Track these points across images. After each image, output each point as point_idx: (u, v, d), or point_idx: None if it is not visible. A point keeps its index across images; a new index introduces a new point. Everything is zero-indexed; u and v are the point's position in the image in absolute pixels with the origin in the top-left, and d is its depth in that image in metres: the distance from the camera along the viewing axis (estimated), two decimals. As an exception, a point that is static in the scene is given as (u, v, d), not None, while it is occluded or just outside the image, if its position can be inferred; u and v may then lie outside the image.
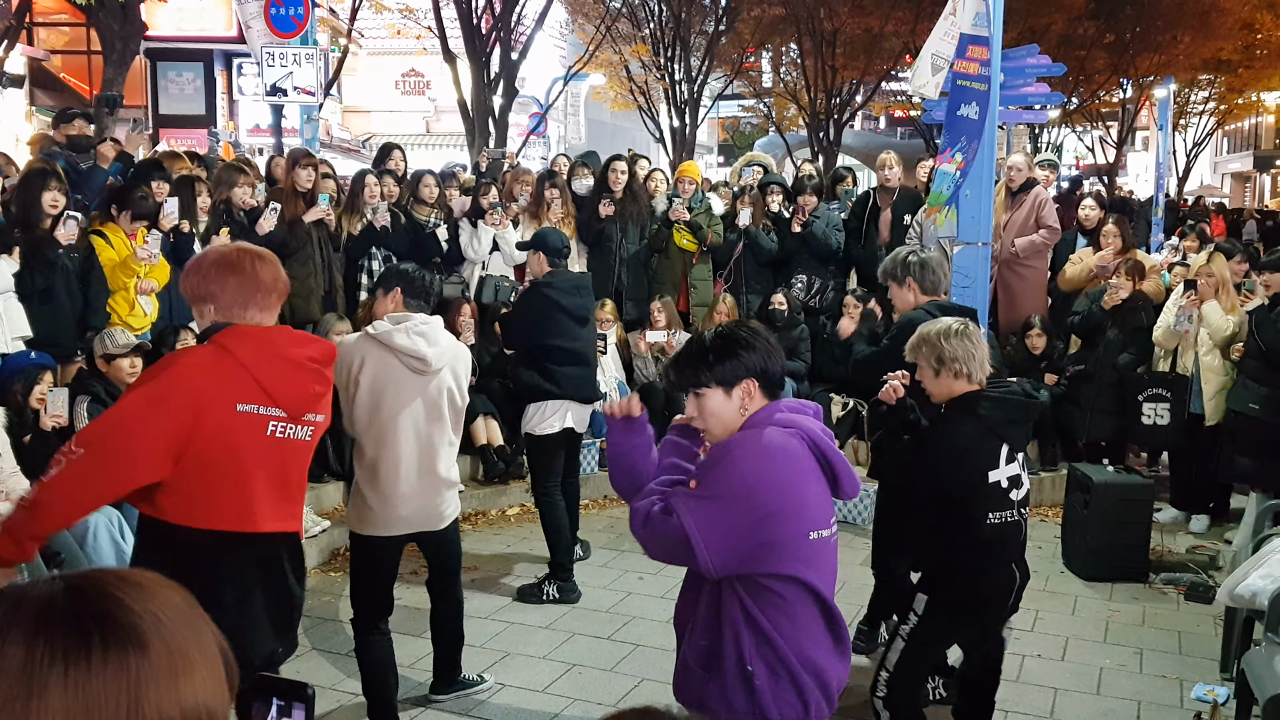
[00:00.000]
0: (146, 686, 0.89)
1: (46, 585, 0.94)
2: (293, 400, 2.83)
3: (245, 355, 2.75)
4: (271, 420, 2.81)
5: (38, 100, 17.40)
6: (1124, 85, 23.41)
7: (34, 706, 0.86)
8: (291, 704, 1.25)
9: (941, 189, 5.99)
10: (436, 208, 7.87)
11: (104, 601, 0.92)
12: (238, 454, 2.75)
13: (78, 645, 0.89)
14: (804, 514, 2.44)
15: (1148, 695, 4.52)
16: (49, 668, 0.87)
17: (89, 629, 0.90)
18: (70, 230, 5.49)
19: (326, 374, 2.97)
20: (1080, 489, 6.04)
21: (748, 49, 23.41)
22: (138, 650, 0.90)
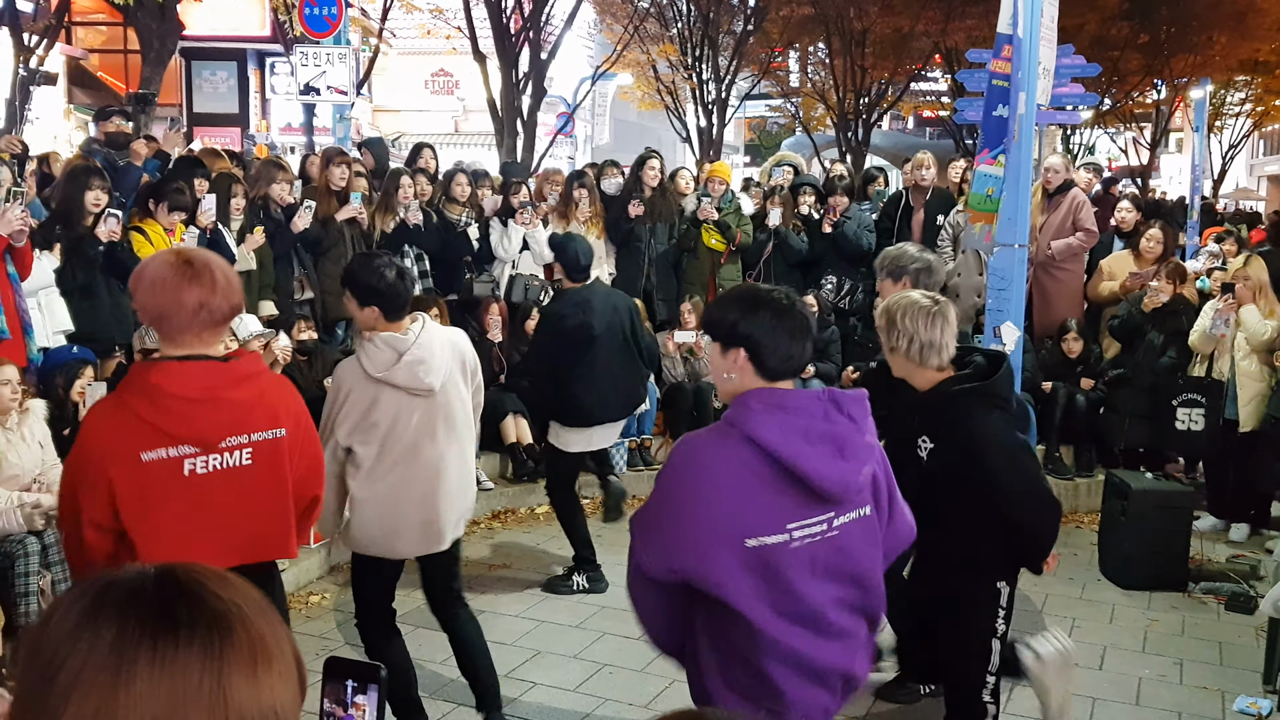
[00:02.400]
0: (230, 670, 0.91)
1: (136, 571, 0.96)
2: (199, 434, 2.67)
3: (136, 403, 2.65)
4: (186, 459, 2.66)
5: (75, 99, 17.59)
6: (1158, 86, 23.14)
7: (122, 682, 0.88)
8: (366, 684, 1.28)
9: (986, 191, 5.93)
10: (468, 206, 7.89)
11: (191, 586, 0.95)
12: (156, 502, 2.64)
13: (166, 624, 0.91)
14: (734, 523, 2.30)
15: (1188, 707, 4.45)
16: (138, 645, 0.89)
17: (177, 610, 0.92)
18: (111, 227, 5.55)
19: (232, 396, 2.73)
20: (1118, 496, 5.96)
21: (776, 48, 23.32)
22: (222, 633, 0.92)
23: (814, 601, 2.39)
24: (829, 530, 2.40)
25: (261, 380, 2.84)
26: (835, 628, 2.43)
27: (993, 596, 3.43)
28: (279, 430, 2.81)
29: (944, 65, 22.02)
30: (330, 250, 7.15)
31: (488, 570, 6.01)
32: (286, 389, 2.98)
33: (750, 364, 2.39)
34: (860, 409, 2.43)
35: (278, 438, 2.80)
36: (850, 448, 2.37)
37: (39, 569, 4.25)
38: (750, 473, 2.33)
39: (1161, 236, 7.49)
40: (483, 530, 6.74)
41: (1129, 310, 7.15)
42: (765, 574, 2.34)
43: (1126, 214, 8.11)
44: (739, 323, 2.39)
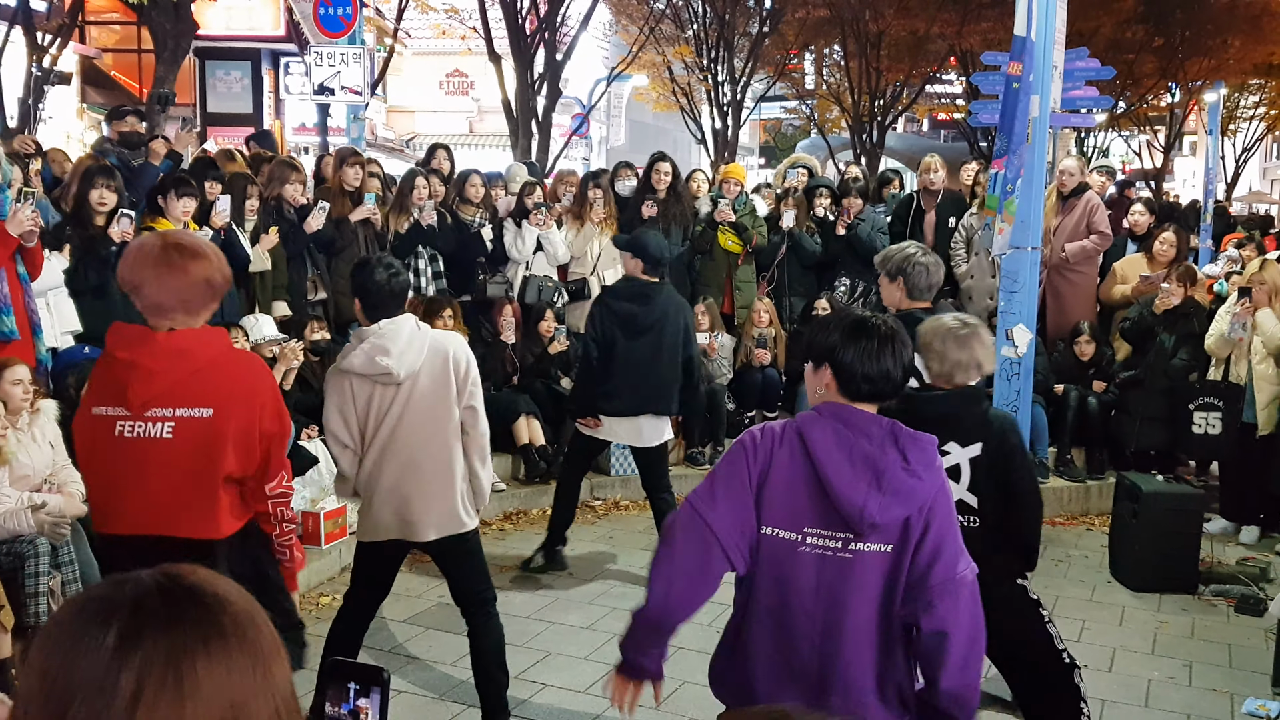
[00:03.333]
0: (266, 660, 0.95)
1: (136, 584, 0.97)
2: (126, 398, 2.78)
3: (101, 360, 2.88)
4: (118, 420, 2.80)
5: (89, 98, 17.69)
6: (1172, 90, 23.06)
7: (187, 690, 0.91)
8: (368, 687, 1.27)
9: (998, 191, 5.93)
10: (482, 207, 7.91)
11: (200, 596, 0.97)
12: (94, 455, 2.83)
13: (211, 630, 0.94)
14: (757, 507, 2.43)
15: (1197, 709, 4.44)
16: (193, 651, 0.92)
17: (185, 625, 0.94)
18: (124, 227, 5.55)
19: (159, 367, 2.81)
20: (1129, 498, 5.95)
21: (791, 50, 23.30)
22: (253, 629, 0.97)
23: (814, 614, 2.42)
24: (843, 550, 2.41)
25: (200, 358, 2.85)
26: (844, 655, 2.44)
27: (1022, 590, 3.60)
28: (204, 410, 2.82)
29: (959, 68, 21.96)
30: (344, 251, 7.19)
31: (499, 571, 5.99)
32: (240, 373, 2.95)
33: (835, 383, 2.48)
34: (919, 453, 2.42)
35: (203, 418, 2.82)
36: (890, 482, 2.37)
37: (49, 569, 4.23)
38: (789, 466, 2.42)
39: (1174, 239, 7.46)
40: (494, 532, 6.76)
41: (1140, 312, 7.14)
42: (767, 561, 2.42)
43: (1140, 217, 8.09)
44: (832, 346, 2.48)
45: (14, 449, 4.47)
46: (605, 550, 6.38)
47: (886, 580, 2.42)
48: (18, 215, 4.72)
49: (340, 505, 6.01)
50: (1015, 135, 5.75)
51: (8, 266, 4.81)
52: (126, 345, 2.84)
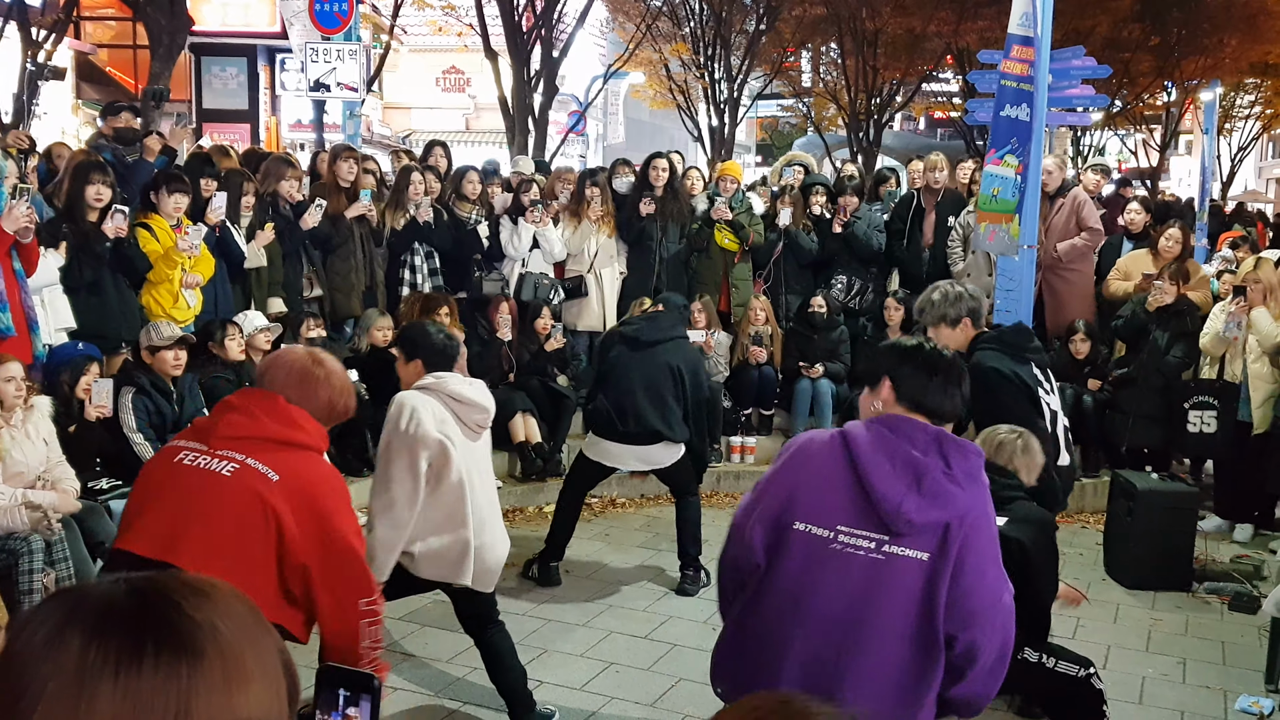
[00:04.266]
0: (197, 696, 0.88)
1: (109, 586, 0.93)
2: (216, 434, 2.88)
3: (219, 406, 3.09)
4: (186, 451, 2.88)
5: (84, 94, 17.65)
6: (1169, 88, 23.08)
7: (83, 708, 0.86)
8: (358, 695, 1.24)
9: (993, 191, 5.93)
10: (478, 204, 7.90)
11: (163, 607, 0.91)
12: (148, 475, 2.94)
13: (131, 650, 0.87)
14: (791, 505, 2.51)
15: (1191, 706, 4.46)
16: (100, 670, 0.86)
17: (144, 634, 0.89)
18: (118, 223, 5.54)
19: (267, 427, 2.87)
20: (1124, 496, 5.97)
21: (788, 48, 23.30)
22: (191, 659, 0.88)
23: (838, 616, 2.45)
24: (875, 552, 2.43)
25: (303, 437, 2.92)
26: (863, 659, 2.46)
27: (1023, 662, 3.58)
28: (272, 472, 2.81)
29: (955, 66, 21.97)
30: (340, 248, 7.18)
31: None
32: (325, 470, 2.98)
33: (893, 394, 2.58)
34: (963, 461, 2.47)
35: (266, 475, 2.80)
36: (930, 485, 2.41)
37: (43, 567, 4.22)
38: (830, 464, 2.50)
39: (1180, 236, 7.47)
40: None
41: (1133, 310, 7.15)
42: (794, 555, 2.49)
43: (1136, 215, 8.09)
44: (891, 366, 2.61)
45: (8, 446, 4.46)
46: (601, 548, 6.38)
47: (925, 588, 2.42)
48: (12, 212, 4.71)
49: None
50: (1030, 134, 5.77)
51: (3, 262, 4.81)
52: (246, 396, 3.00)
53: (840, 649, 2.44)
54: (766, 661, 2.52)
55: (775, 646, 2.50)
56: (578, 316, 8.07)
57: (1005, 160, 5.87)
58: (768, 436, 7.86)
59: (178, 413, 5.38)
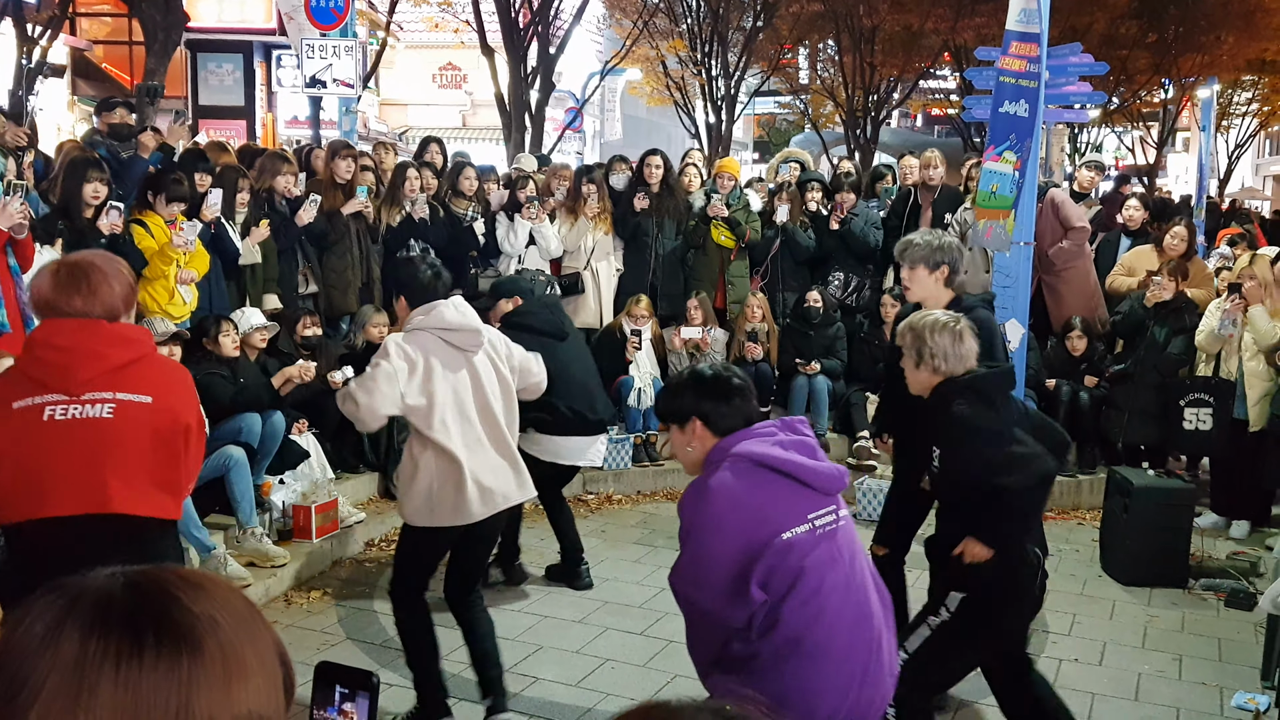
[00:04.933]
0: (198, 689, 0.88)
1: (106, 580, 0.93)
2: (73, 381, 2.88)
3: (21, 358, 3.01)
4: (48, 405, 2.87)
5: (80, 90, 17.61)
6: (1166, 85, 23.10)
7: (83, 702, 0.86)
8: (355, 692, 1.24)
9: (991, 188, 5.93)
10: (474, 201, 7.89)
11: (162, 600, 0.91)
12: (19, 445, 2.88)
13: (131, 643, 0.87)
14: (764, 525, 2.64)
15: (1187, 702, 4.46)
16: (101, 664, 0.86)
17: (144, 627, 0.88)
18: (113, 219, 5.53)
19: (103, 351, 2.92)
20: (1120, 493, 5.97)
21: (785, 45, 23.28)
22: (191, 652, 0.89)
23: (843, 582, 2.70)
24: (837, 520, 2.75)
25: (142, 349, 3.03)
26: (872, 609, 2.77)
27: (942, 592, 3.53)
28: (144, 397, 2.95)
29: (953, 63, 21.96)
30: (335, 244, 7.16)
31: (491, 565, 6.00)
32: (173, 369, 3.22)
33: (706, 429, 2.79)
34: (805, 427, 2.87)
35: (143, 403, 2.95)
36: (817, 452, 2.78)
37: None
38: (758, 482, 2.67)
39: (1185, 234, 7.47)
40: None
41: (1132, 306, 7.15)
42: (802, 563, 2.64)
43: (1134, 212, 8.09)
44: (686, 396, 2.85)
45: (2, 441, 4.44)
46: (597, 544, 6.37)
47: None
48: (7, 208, 4.71)
49: (332, 499, 6.00)
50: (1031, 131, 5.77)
51: (-1, 259, 4.81)
52: (69, 333, 2.93)
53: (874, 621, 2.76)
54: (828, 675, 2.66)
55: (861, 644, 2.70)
56: (574, 313, 8.03)
57: (1004, 156, 5.87)
58: (764, 433, 7.84)
59: (172, 409, 5.37)
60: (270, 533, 5.68)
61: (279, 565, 5.48)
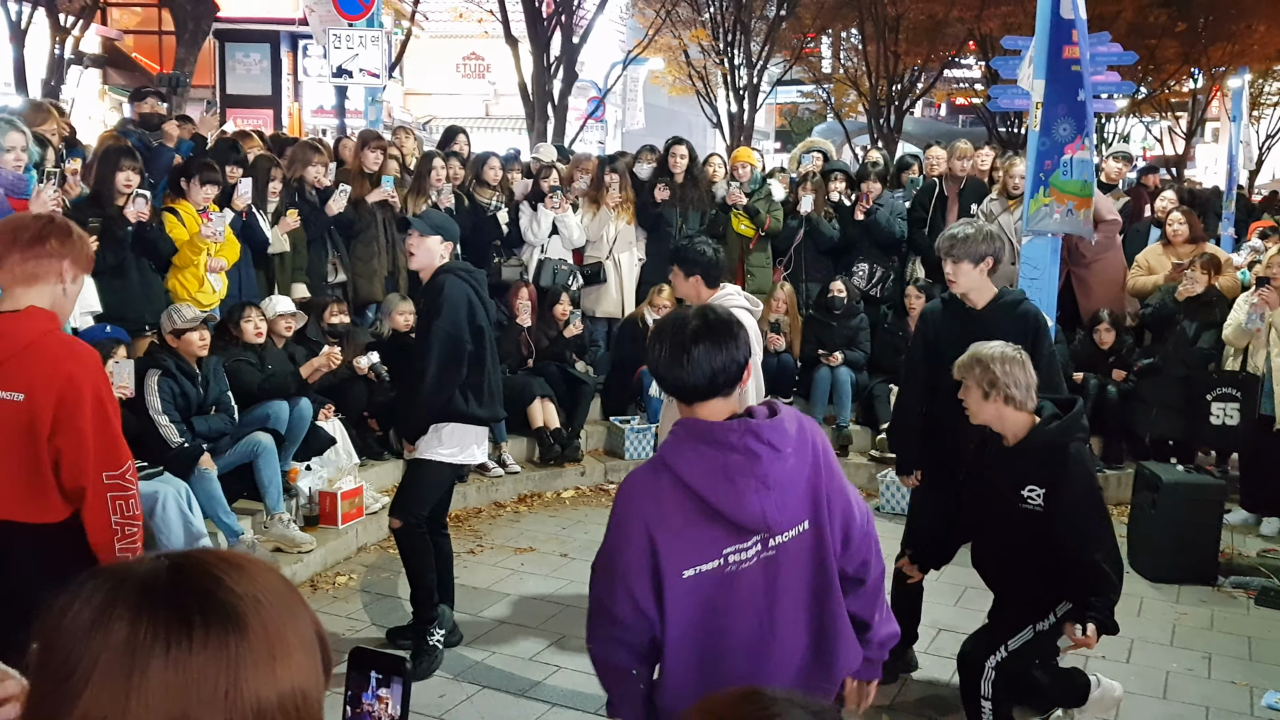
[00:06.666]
0: (245, 668, 0.90)
1: (151, 563, 0.95)
2: None
3: None
4: None
5: (110, 79, 17.76)
6: (1195, 75, 22.84)
7: (134, 683, 0.88)
8: (390, 677, 1.25)
9: (1084, 177, 5.93)
10: (498, 190, 7.90)
11: (206, 581, 0.93)
12: None
13: (180, 624, 0.90)
14: (666, 554, 2.30)
15: (1216, 701, 4.42)
16: (151, 646, 0.88)
17: (191, 609, 0.90)
18: (140, 208, 5.56)
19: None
20: (1148, 488, 5.91)
21: (808, 34, 23.18)
22: (237, 632, 0.91)
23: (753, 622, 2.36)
24: (765, 550, 2.36)
25: (19, 340, 2.80)
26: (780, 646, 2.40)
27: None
28: (16, 394, 2.77)
29: (978, 52, 21.80)
30: (362, 233, 7.19)
31: (513, 553, 6.04)
32: (61, 358, 2.84)
33: (671, 394, 2.41)
34: (779, 435, 2.35)
35: (14, 401, 2.77)
36: (774, 477, 2.31)
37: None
38: (678, 507, 2.31)
39: (1184, 219, 7.41)
40: (509, 514, 6.77)
41: (1162, 299, 7.08)
42: (704, 602, 2.34)
43: (1169, 204, 8.00)
44: (650, 359, 2.42)
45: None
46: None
47: (814, 552, 2.41)
48: (41, 196, 4.76)
49: (357, 485, 6.03)
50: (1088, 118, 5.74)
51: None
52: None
53: (755, 656, 2.39)
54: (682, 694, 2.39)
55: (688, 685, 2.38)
56: (596, 303, 8.07)
57: (1085, 144, 5.86)
58: (787, 424, 7.82)
59: (202, 394, 5.43)
60: (297, 518, 5.73)
61: (305, 551, 5.52)
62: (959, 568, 4.27)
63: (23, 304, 2.84)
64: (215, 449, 5.35)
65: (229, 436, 5.48)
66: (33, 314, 2.84)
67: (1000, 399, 3.53)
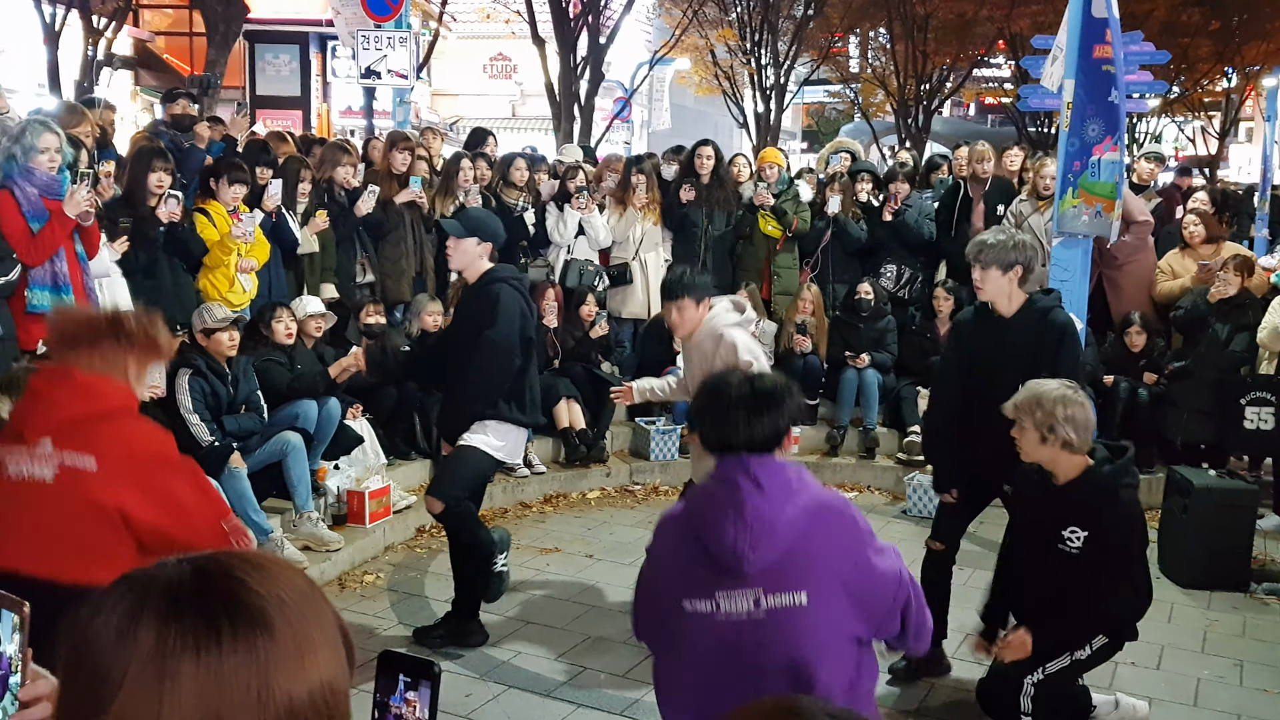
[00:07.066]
0: (275, 668, 0.91)
1: (174, 569, 0.95)
2: (30, 429, 2.74)
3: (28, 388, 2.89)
4: (8, 458, 2.72)
5: (142, 81, 17.93)
6: (1229, 74, 22.59)
7: (167, 688, 0.88)
8: (418, 681, 1.25)
9: (1115, 178, 5.89)
10: (525, 191, 7.91)
11: (230, 584, 0.94)
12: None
13: (208, 629, 0.90)
14: (674, 585, 2.44)
15: (1248, 709, 4.37)
16: (181, 652, 0.89)
17: (218, 612, 0.91)
18: (171, 208, 5.61)
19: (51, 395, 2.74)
20: (1179, 493, 5.85)
21: (836, 33, 23.10)
22: (265, 633, 0.92)
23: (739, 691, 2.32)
24: (756, 610, 2.33)
25: (96, 406, 2.76)
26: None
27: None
28: (87, 459, 2.70)
29: (1008, 51, 21.65)
30: (390, 234, 7.23)
31: (539, 554, 6.05)
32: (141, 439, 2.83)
33: (711, 451, 2.51)
34: (768, 475, 2.37)
35: (84, 469, 2.69)
36: (752, 512, 2.32)
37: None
38: (682, 539, 2.45)
39: (1199, 220, 7.34)
40: (534, 514, 6.79)
41: (1194, 301, 7.00)
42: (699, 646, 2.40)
43: (1203, 205, 7.91)
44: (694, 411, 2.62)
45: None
46: (645, 535, 6.36)
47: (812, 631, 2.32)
48: (74, 196, 4.82)
49: (385, 485, 6.07)
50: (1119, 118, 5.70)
51: (66, 246, 4.92)
52: (45, 379, 2.83)
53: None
54: None
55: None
56: (622, 304, 8.07)
57: (1117, 145, 5.82)
58: (812, 426, 7.81)
59: (232, 394, 5.47)
60: (325, 517, 5.77)
61: (333, 550, 5.55)
62: (987, 572, 4.24)
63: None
64: (245, 448, 5.39)
65: (258, 435, 5.52)
66: (114, 385, 2.81)
67: (1058, 444, 3.51)
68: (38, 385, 2.83)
